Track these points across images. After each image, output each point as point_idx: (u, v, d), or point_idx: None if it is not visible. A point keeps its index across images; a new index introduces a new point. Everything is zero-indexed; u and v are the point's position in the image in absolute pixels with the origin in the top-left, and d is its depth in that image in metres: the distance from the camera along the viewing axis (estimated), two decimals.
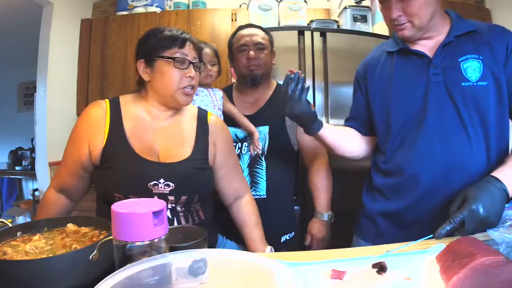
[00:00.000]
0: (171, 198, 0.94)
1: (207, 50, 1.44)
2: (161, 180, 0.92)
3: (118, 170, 0.92)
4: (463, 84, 0.91)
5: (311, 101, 1.24)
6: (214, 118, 1.11)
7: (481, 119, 0.91)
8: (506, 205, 0.77)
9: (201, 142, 1.02)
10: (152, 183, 0.91)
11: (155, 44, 0.96)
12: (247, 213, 1.11)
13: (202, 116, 1.08)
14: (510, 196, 0.80)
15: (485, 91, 0.90)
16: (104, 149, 0.94)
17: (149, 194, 0.92)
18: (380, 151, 1.07)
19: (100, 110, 0.98)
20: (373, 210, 1.06)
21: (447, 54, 0.94)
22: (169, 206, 0.95)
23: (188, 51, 0.97)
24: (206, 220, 1.04)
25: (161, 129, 1.00)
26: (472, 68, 0.91)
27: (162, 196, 0.93)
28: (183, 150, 0.98)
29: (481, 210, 0.74)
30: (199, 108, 1.12)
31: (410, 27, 0.94)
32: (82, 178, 0.99)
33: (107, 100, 1.01)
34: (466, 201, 0.77)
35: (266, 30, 1.45)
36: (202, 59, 1.05)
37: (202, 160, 1.01)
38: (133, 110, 1.00)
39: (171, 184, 0.93)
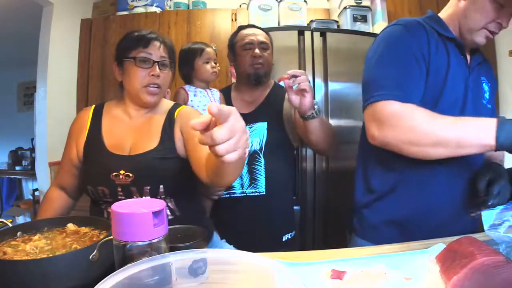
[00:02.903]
0: (133, 189, 0.97)
1: (210, 49, 1.49)
2: (121, 171, 0.97)
3: (88, 164, 1.02)
4: (483, 101, 0.98)
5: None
6: (185, 110, 1.09)
7: None
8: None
9: (167, 133, 1.04)
10: (113, 174, 0.97)
11: (123, 46, 1.03)
12: None
13: (172, 109, 1.09)
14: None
15: (488, 114, 0.98)
16: (84, 147, 1.04)
17: (113, 185, 0.97)
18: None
19: (86, 114, 1.09)
20: (378, 220, 1.01)
21: (475, 69, 0.99)
22: (135, 198, 0.98)
23: (153, 51, 1.00)
24: (184, 217, 1.01)
25: (134, 127, 1.05)
26: (486, 90, 1.00)
27: (125, 187, 0.97)
28: (150, 143, 1.02)
29: (508, 180, 0.84)
30: (174, 104, 1.12)
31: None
32: (76, 176, 1.09)
33: (94, 105, 1.11)
34: (497, 175, 0.85)
35: (267, 31, 1.46)
36: (173, 58, 1.07)
37: (167, 150, 1.01)
38: (114, 111, 1.09)
39: (131, 175, 0.96)
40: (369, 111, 0.90)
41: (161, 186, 0.99)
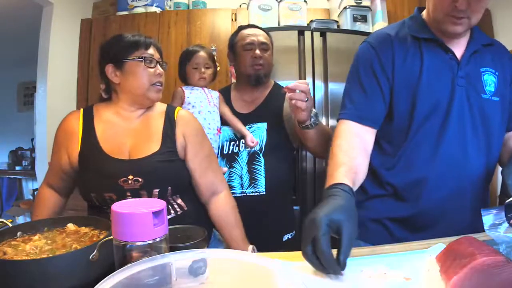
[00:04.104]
0: (143, 192, 0.98)
1: (201, 53, 1.45)
2: (130, 176, 0.97)
3: (90, 171, 1.00)
4: (482, 96, 0.91)
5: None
6: (183, 112, 1.12)
7: (487, 133, 0.92)
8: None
9: (168, 136, 1.05)
10: (122, 179, 0.96)
11: (123, 47, 1.02)
12: (226, 211, 1.11)
13: (170, 111, 1.11)
14: None
15: (496, 107, 0.92)
16: (79, 154, 1.02)
17: (121, 190, 0.97)
18: (384, 152, 0.99)
19: (74, 118, 1.06)
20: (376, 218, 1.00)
21: (471, 60, 0.92)
22: None
23: (153, 52, 1.05)
24: (192, 211, 1.07)
25: (131, 129, 1.05)
26: (489, 82, 0.92)
27: (134, 191, 0.97)
28: (151, 145, 1.02)
29: None
30: (168, 105, 1.15)
31: (466, 23, 0.86)
32: (65, 179, 1.08)
33: (82, 109, 1.09)
34: None
35: (267, 32, 1.46)
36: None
37: (170, 153, 1.03)
38: (104, 114, 1.06)
39: (140, 179, 0.97)
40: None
41: (169, 187, 1.01)
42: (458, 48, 0.93)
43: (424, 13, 0.98)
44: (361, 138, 0.91)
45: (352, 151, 0.87)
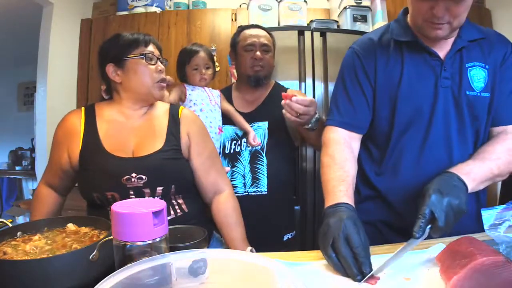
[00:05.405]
0: (146, 190, 0.97)
1: (201, 54, 1.44)
2: (133, 174, 0.95)
3: (92, 170, 0.98)
4: (468, 92, 0.89)
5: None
6: (186, 111, 1.13)
7: (476, 133, 0.91)
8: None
9: (173, 134, 1.05)
10: (125, 178, 0.95)
11: (122, 46, 1.02)
12: (226, 211, 1.09)
13: (174, 110, 1.11)
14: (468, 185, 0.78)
15: (485, 103, 0.89)
16: (80, 153, 1.00)
17: (124, 189, 0.95)
18: (372, 158, 1.00)
19: (76, 117, 1.04)
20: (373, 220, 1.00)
21: (456, 58, 0.90)
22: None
23: (153, 49, 1.05)
24: (192, 213, 1.06)
25: (134, 128, 1.04)
26: (478, 77, 0.90)
27: (137, 189, 0.96)
28: (155, 143, 1.01)
29: (441, 193, 0.71)
30: (171, 104, 1.15)
31: (448, 28, 0.85)
32: (64, 179, 1.07)
33: (83, 108, 1.07)
34: (426, 193, 0.74)
35: (270, 32, 1.45)
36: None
37: (174, 151, 1.03)
38: (107, 113, 1.05)
39: (144, 177, 0.96)
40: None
41: (173, 185, 1.01)
42: (444, 48, 0.91)
43: (408, 15, 0.97)
44: (349, 146, 0.94)
45: (345, 163, 0.89)
